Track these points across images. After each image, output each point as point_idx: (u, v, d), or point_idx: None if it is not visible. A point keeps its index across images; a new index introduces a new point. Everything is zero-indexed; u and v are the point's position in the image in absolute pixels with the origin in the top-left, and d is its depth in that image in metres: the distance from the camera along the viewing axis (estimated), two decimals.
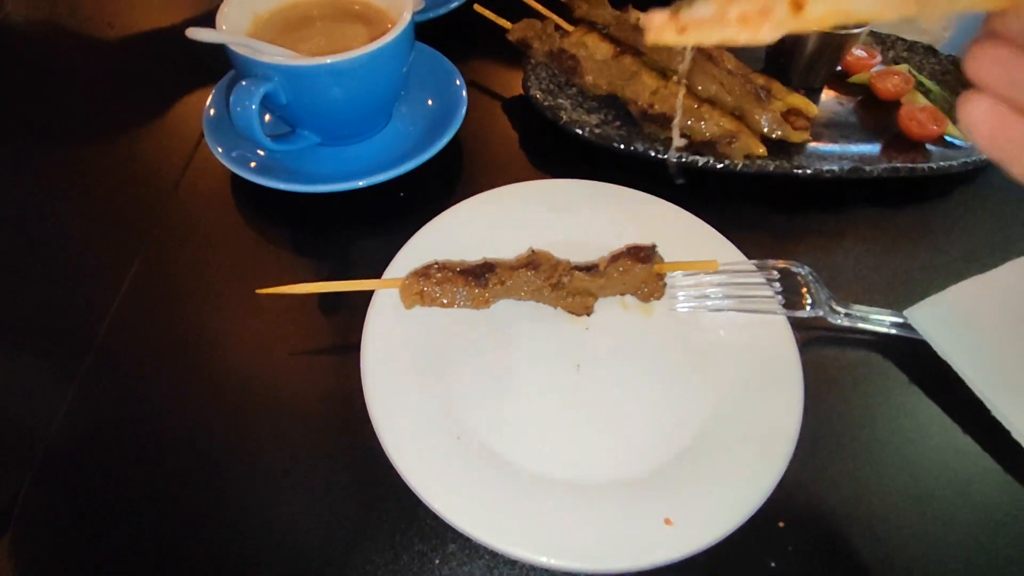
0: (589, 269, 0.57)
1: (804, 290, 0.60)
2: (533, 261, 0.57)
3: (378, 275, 0.58)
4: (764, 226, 0.70)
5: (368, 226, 0.68)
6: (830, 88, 0.85)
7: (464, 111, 0.73)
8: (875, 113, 0.81)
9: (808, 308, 0.58)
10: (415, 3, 0.89)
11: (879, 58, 0.86)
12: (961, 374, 0.54)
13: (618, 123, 0.77)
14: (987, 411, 0.53)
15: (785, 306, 0.58)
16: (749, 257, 0.61)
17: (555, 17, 0.84)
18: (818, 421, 0.53)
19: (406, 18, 0.66)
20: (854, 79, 0.85)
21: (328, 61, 0.60)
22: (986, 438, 0.53)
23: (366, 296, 0.56)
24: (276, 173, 0.66)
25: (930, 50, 0.89)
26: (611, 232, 0.64)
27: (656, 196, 0.66)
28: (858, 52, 0.86)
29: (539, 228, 0.64)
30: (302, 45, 0.67)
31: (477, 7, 0.84)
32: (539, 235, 0.63)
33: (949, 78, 0.85)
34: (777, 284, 0.59)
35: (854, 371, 0.58)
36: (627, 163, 0.72)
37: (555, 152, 0.76)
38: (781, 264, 0.60)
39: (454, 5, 0.92)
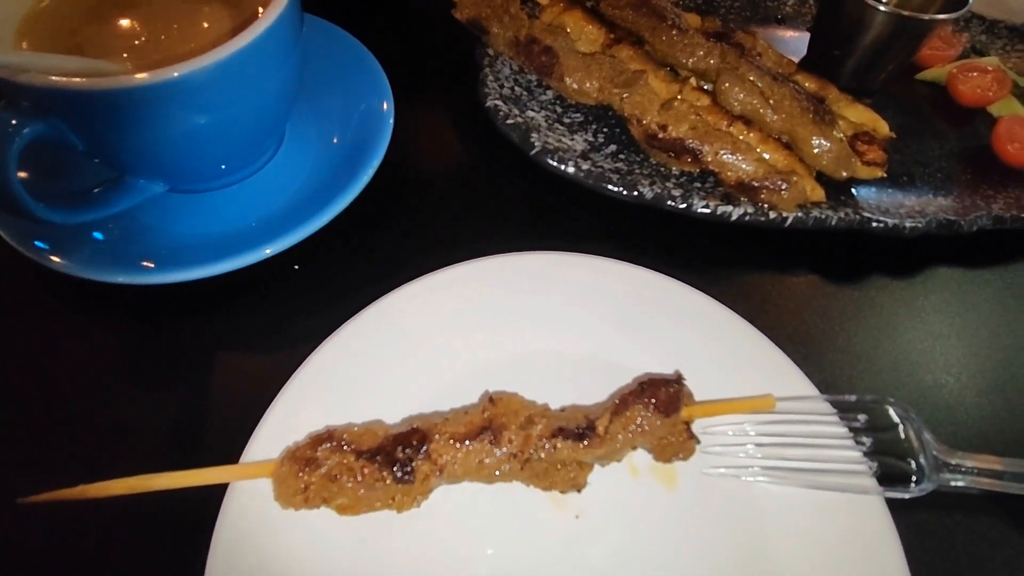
0: (581, 435, 0.35)
1: (904, 441, 0.39)
2: (491, 422, 0.35)
3: (246, 434, 0.35)
4: (819, 307, 0.49)
5: (238, 330, 0.44)
6: (890, 87, 0.63)
7: (389, 132, 0.49)
8: (956, 126, 0.60)
9: (915, 484, 0.38)
10: None
11: (958, 47, 0.64)
12: None
13: (613, 147, 0.54)
14: None
15: (881, 478, 0.37)
16: (813, 371, 0.41)
17: None
18: None
19: None
20: (924, 75, 0.63)
21: (146, 80, 0.35)
22: None
23: (215, 491, 0.34)
24: (83, 249, 0.42)
25: (1016, 32, 0.67)
26: (606, 341, 0.42)
27: (670, 277, 0.44)
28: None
29: (498, 341, 0.42)
30: (118, 41, 0.42)
31: None
32: (497, 355, 0.41)
33: None
34: (865, 436, 0.39)
35: (969, 550, 0.39)
36: (624, 210, 0.50)
37: (524, 190, 0.53)
38: (868, 401, 0.40)
39: None
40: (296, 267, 0.47)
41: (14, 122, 0.35)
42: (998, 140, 0.56)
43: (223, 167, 0.47)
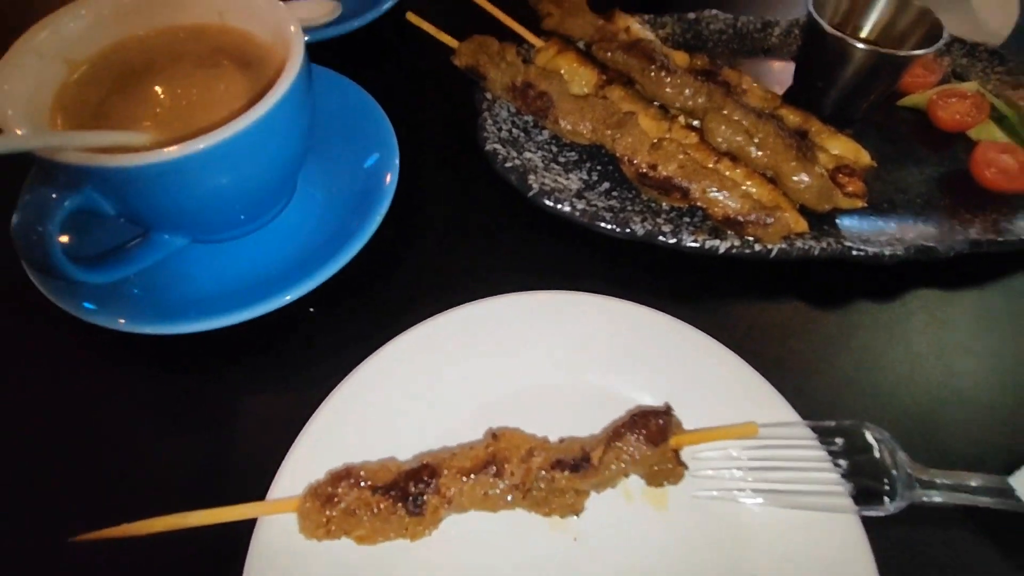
0: (577, 466, 0.38)
1: (880, 462, 0.42)
2: (494, 456, 0.38)
3: (270, 473, 0.39)
4: (803, 334, 0.52)
5: (259, 373, 0.48)
6: (873, 114, 0.65)
7: (395, 178, 0.53)
8: (936, 151, 0.62)
9: (889, 502, 0.41)
10: (331, 9, 0.67)
11: (938, 73, 0.66)
12: None
13: (607, 184, 0.57)
14: None
15: (857, 497, 0.40)
16: (797, 396, 0.43)
17: (518, 27, 0.63)
18: None
19: (299, 56, 0.44)
20: (906, 101, 0.66)
21: (167, 156, 0.38)
22: None
23: (245, 525, 0.37)
24: (117, 302, 0.45)
25: (996, 56, 0.69)
26: (602, 374, 0.46)
27: (658, 310, 0.47)
28: None
29: (501, 378, 0.45)
30: (142, 109, 0.46)
31: (411, 16, 0.61)
32: (501, 391, 0.44)
33: None
34: (842, 459, 0.42)
35: (941, 562, 0.42)
36: (618, 246, 0.53)
37: (523, 230, 0.56)
38: (846, 425, 0.43)
39: (386, 7, 0.70)
40: (312, 310, 0.51)
41: (54, 196, 0.39)
42: (976, 165, 0.58)
43: (241, 219, 0.50)
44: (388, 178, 0.53)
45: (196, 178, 0.42)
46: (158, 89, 0.47)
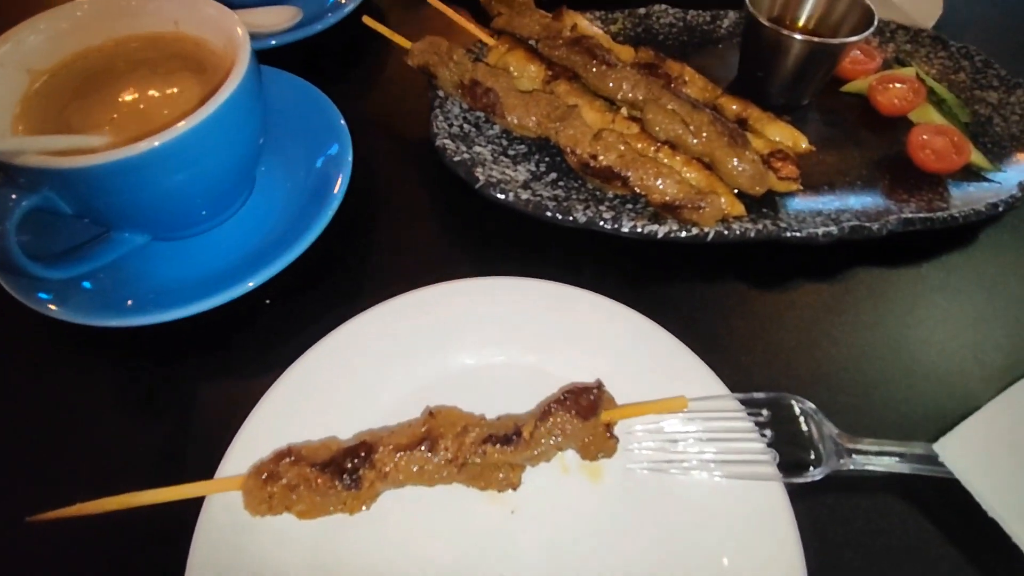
0: (509, 440, 0.40)
1: (805, 432, 0.44)
2: (429, 432, 0.40)
3: (219, 456, 0.41)
4: (742, 313, 0.54)
5: (217, 362, 0.50)
6: (817, 101, 0.67)
7: (348, 171, 0.55)
8: (877, 135, 0.64)
9: (814, 470, 0.43)
10: (292, 15, 0.69)
11: (878, 59, 0.68)
12: (1001, 521, 0.41)
13: (554, 175, 0.59)
14: None
15: (784, 466, 0.42)
16: (734, 373, 0.45)
17: (471, 26, 0.65)
18: None
19: (245, 58, 0.47)
20: (848, 88, 0.68)
21: (118, 156, 0.41)
22: None
23: (195, 504, 0.39)
24: (75, 297, 0.48)
25: (939, 41, 0.71)
26: (540, 355, 0.48)
27: (599, 293, 0.49)
28: (854, 52, 0.68)
29: (442, 360, 0.47)
30: (101, 115, 0.48)
31: (366, 19, 0.64)
32: (442, 372, 0.46)
33: (964, 77, 0.68)
34: (768, 430, 0.43)
35: (869, 527, 0.44)
36: (565, 234, 0.55)
37: (473, 217, 0.59)
38: (773, 397, 0.45)
39: (347, 10, 0.72)
40: (268, 301, 0.53)
41: (13, 196, 0.41)
42: (912, 147, 0.60)
43: (200, 215, 0.53)
44: (341, 173, 0.55)
45: (149, 176, 0.44)
46: (116, 96, 0.49)
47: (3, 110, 0.46)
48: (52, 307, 0.46)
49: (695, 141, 0.55)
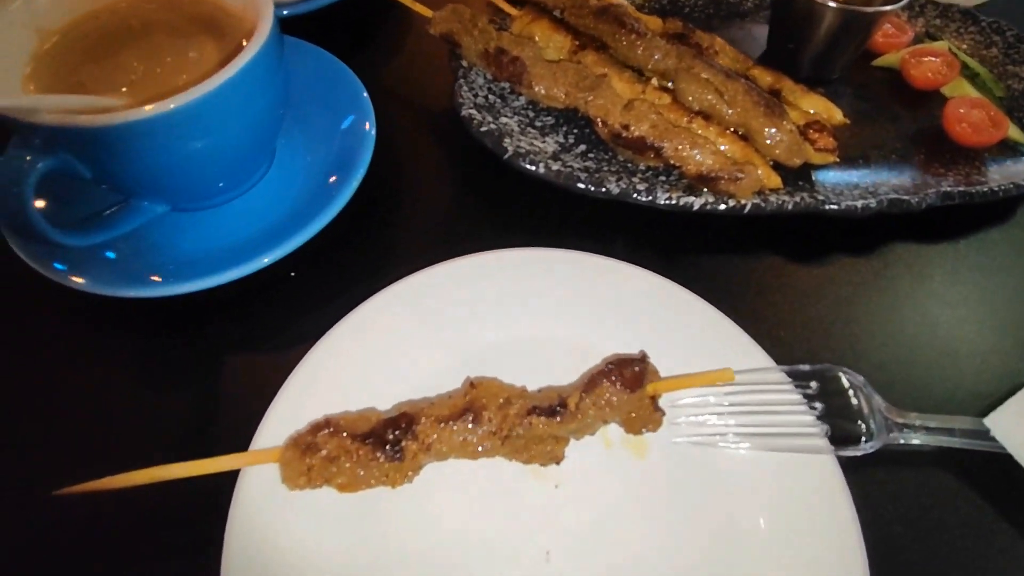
0: (554, 411, 0.39)
1: (855, 405, 0.43)
2: (471, 404, 0.39)
3: (250, 429, 0.39)
4: (780, 287, 0.53)
5: (243, 334, 0.48)
6: (848, 74, 0.66)
7: (372, 144, 0.53)
8: (910, 109, 0.63)
9: (865, 442, 0.41)
10: None
11: (910, 32, 0.67)
12: None
13: (584, 146, 0.57)
14: None
15: (834, 439, 0.41)
16: (775, 347, 0.44)
17: None
18: None
19: (267, 22, 0.45)
20: (880, 62, 0.66)
21: (140, 115, 0.39)
22: None
23: (229, 476, 0.38)
24: (97, 268, 0.46)
25: (969, 15, 0.70)
26: (580, 327, 0.46)
27: (636, 265, 0.47)
28: (885, 25, 0.66)
29: (479, 332, 0.45)
30: (116, 76, 0.46)
31: None
32: (479, 345, 0.45)
33: (996, 53, 0.67)
34: (817, 402, 0.42)
35: (918, 503, 0.43)
36: (597, 206, 0.53)
37: (501, 190, 0.57)
38: (821, 369, 0.43)
39: None
40: (292, 274, 0.51)
41: (28, 158, 0.39)
42: (947, 121, 0.59)
43: (220, 185, 0.51)
44: (364, 146, 0.53)
45: (168, 139, 0.42)
46: (132, 58, 0.47)
47: (14, 69, 0.44)
48: (73, 278, 0.44)
49: (730, 111, 0.53)
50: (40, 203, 0.40)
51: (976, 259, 0.55)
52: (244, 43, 0.47)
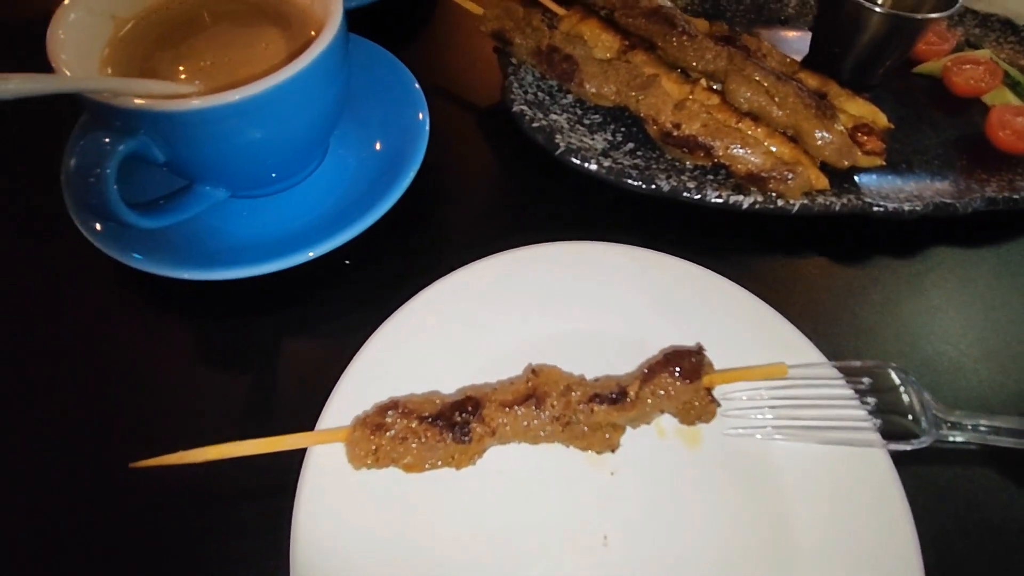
0: (614, 399, 0.40)
1: (906, 401, 0.44)
2: (535, 390, 0.40)
3: (314, 411, 0.40)
4: (828, 286, 0.53)
5: (299, 320, 0.49)
6: (889, 81, 0.67)
7: (426, 137, 0.54)
8: (952, 116, 0.64)
9: (918, 439, 0.42)
10: None
11: (951, 40, 0.67)
12: None
13: (631, 144, 0.58)
14: None
15: (885, 433, 0.41)
16: (823, 344, 0.45)
17: None
18: None
19: (337, 18, 0.46)
20: (921, 69, 0.67)
21: (221, 101, 0.40)
22: None
23: (296, 453, 0.39)
24: (162, 251, 0.47)
25: (1008, 25, 0.71)
26: (634, 320, 0.47)
27: (687, 260, 0.48)
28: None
29: (537, 321, 0.46)
30: (188, 64, 0.47)
31: None
32: (536, 334, 0.46)
33: None
34: (869, 397, 0.43)
35: (967, 501, 0.43)
36: (642, 203, 0.54)
37: (550, 183, 0.58)
38: (872, 366, 0.44)
39: None
40: (347, 262, 0.52)
41: (109, 140, 0.40)
42: (991, 127, 0.60)
43: (277, 174, 0.52)
44: (419, 139, 0.54)
45: (238, 127, 0.43)
46: (202, 47, 0.48)
47: (92, 54, 0.45)
48: (139, 260, 0.45)
49: (780, 112, 0.54)
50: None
51: (1019, 264, 0.56)
52: (312, 34, 0.48)
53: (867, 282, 0.54)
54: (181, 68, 0.47)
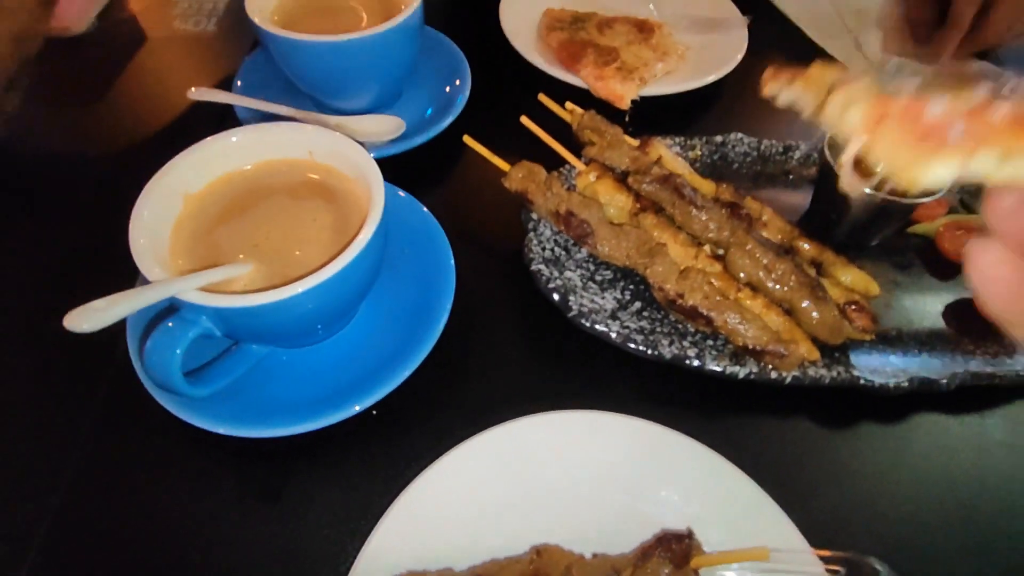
0: None
1: None
2: (537, 571, 0.44)
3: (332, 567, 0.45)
4: (812, 458, 0.57)
5: (328, 481, 0.54)
6: (885, 240, 0.71)
7: (452, 294, 0.60)
8: (943, 281, 0.68)
9: None
10: (396, 126, 0.75)
11: (945, 203, 0.72)
12: None
13: (639, 304, 0.63)
14: None
15: None
16: (804, 517, 0.49)
17: (565, 152, 0.70)
18: None
19: (379, 206, 0.52)
20: (916, 229, 0.71)
21: (276, 298, 0.46)
22: None
23: None
24: (202, 405, 0.52)
25: None
26: (631, 494, 0.51)
27: (687, 436, 0.52)
28: None
29: (540, 494, 0.51)
30: (245, 242, 0.53)
31: (467, 139, 0.69)
32: (541, 506, 0.50)
33: None
34: None
35: None
36: (650, 365, 0.59)
37: (561, 345, 0.63)
38: (851, 556, 0.48)
39: (446, 124, 0.78)
40: (374, 412, 0.57)
41: (176, 325, 0.46)
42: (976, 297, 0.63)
43: (323, 330, 0.58)
44: (445, 291, 0.60)
45: (294, 310, 0.49)
46: (258, 221, 0.54)
47: (163, 232, 0.52)
48: (194, 418, 0.51)
49: (777, 287, 0.59)
50: None
51: (1001, 437, 0.59)
52: (355, 208, 0.54)
53: (852, 453, 0.57)
54: (239, 244, 0.53)
